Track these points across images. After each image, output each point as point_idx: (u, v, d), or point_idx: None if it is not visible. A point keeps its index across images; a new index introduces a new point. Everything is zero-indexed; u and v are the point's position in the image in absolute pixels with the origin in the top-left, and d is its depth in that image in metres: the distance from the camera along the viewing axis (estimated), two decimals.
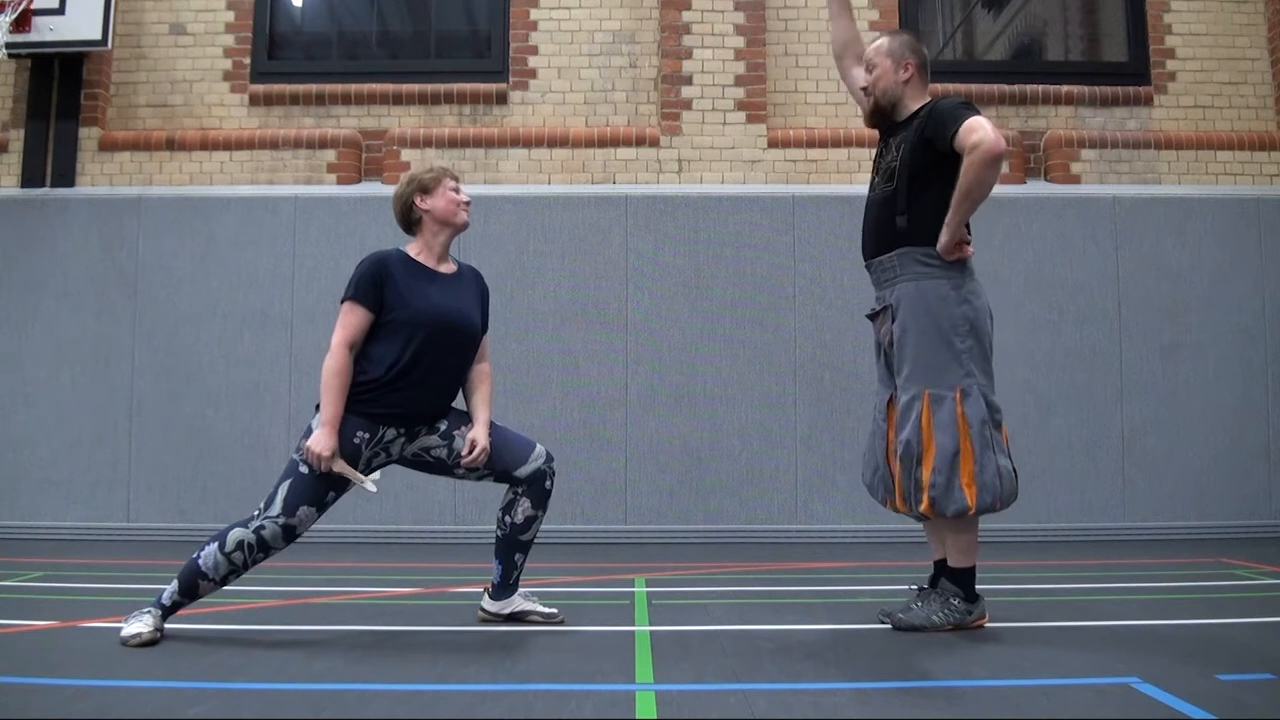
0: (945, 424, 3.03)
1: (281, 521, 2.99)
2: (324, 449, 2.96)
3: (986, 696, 2.39)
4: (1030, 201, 6.24)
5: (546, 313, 6.09)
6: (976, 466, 3.02)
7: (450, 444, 3.16)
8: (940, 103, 3.21)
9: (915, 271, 3.14)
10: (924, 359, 3.08)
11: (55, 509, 5.96)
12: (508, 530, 3.23)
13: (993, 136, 2.96)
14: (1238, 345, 6.12)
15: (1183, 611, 3.55)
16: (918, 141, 3.15)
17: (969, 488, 3.02)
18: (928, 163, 3.13)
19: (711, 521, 5.97)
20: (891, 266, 3.20)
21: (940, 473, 3.02)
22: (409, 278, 3.13)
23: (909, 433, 3.08)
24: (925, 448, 3.05)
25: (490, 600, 3.31)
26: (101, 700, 2.35)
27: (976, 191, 3.02)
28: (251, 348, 6.04)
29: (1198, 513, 6.00)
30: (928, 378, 3.07)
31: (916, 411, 3.08)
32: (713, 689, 2.44)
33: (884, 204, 3.24)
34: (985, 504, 3.04)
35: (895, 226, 3.17)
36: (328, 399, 3.00)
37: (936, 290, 3.10)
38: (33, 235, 6.17)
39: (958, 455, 3.02)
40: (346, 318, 3.07)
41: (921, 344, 3.09)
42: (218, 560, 2.98)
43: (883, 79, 3.30)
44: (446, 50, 6.82)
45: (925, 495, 3.05)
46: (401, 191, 3.23)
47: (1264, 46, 6.61)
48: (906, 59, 3.27)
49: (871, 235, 3.29)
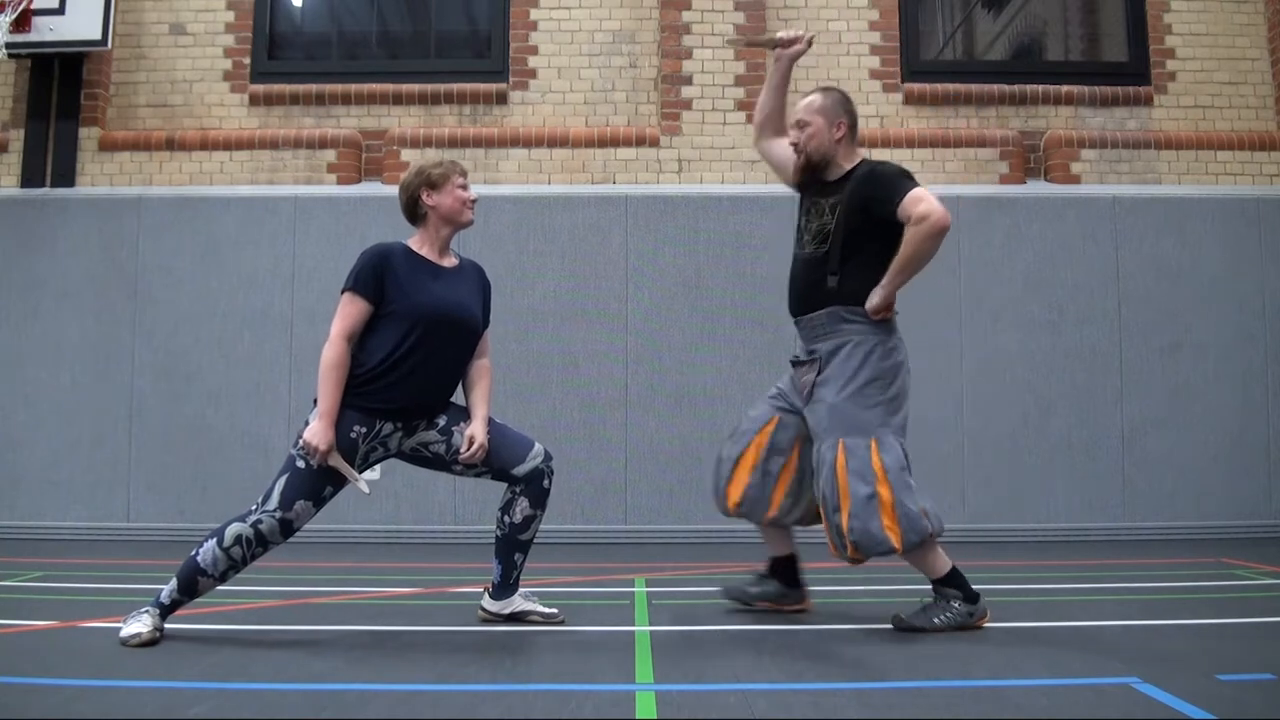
0: (860, 470, 3.09)
1: (279, 516, 2.98)
2: (320, 441, 2.96)
3: (986, 696, 2.39)
4: (1030, 201, 6.24)
5: (546, 313, 6.09)
6: (898, 510, 3.07)
7: (449, 440, 3.16)
8: (881, 168, 3.29)
9: (843, 329, 3.22)
10: (841, 409, 3.16)
11: (55, 509, 5.96)
12: (507, 530, 3.23)
13: (940, 210, 3.06)
14: (1238, 345, 6.12)
15: (1183, 611, 3.56)
16: (854, 205, 3.22)
17: (891, 529, 3.07)
18: (862, 226, 3.20)
19: (711, 521, 5.94)
20: (821, 323, 3.28)
21: (857, 518, 3.07)
22: (410, 271, 3.12)
23: (824, 483, 3.16)
24: (841, 496, 3.11)
25: (491, 600, 3.30)
26: (101, 700, 2.35)
27: (917, 261, 3.13)
28: (251, 348, 6.04)
29: (1198, 513, 6.00)
30: (844, 427, 3.14)
31: (830, 460, 3.14)
32: (713, 689, 2.45)
33: (814, 265, 3.30)
34: (913, 542, 3.09)
35: (825, 286, 3.24)
36: (325, 390, 3.00)
37: (863, 346, 3.19)
38: (33, 235, 6.17)
39: (874, 499, 3.08)
40: (346, 309, 3.07)
41: (841, 395, 3.17)
42: (216, 556, 2.97)
43: (815, 137, 3.34)
44: (446, 50, 6.82)
45: (848, 542, 3.11)
46: (409, 183, 3.22)
47: (1264, 46, 6.61)
48: (839, 118, 3.33)
49: (800, 295, 3.36)
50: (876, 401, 3.16)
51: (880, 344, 3.21)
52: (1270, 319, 6.15)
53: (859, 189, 3.22)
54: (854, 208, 3.20)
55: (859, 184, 3.23)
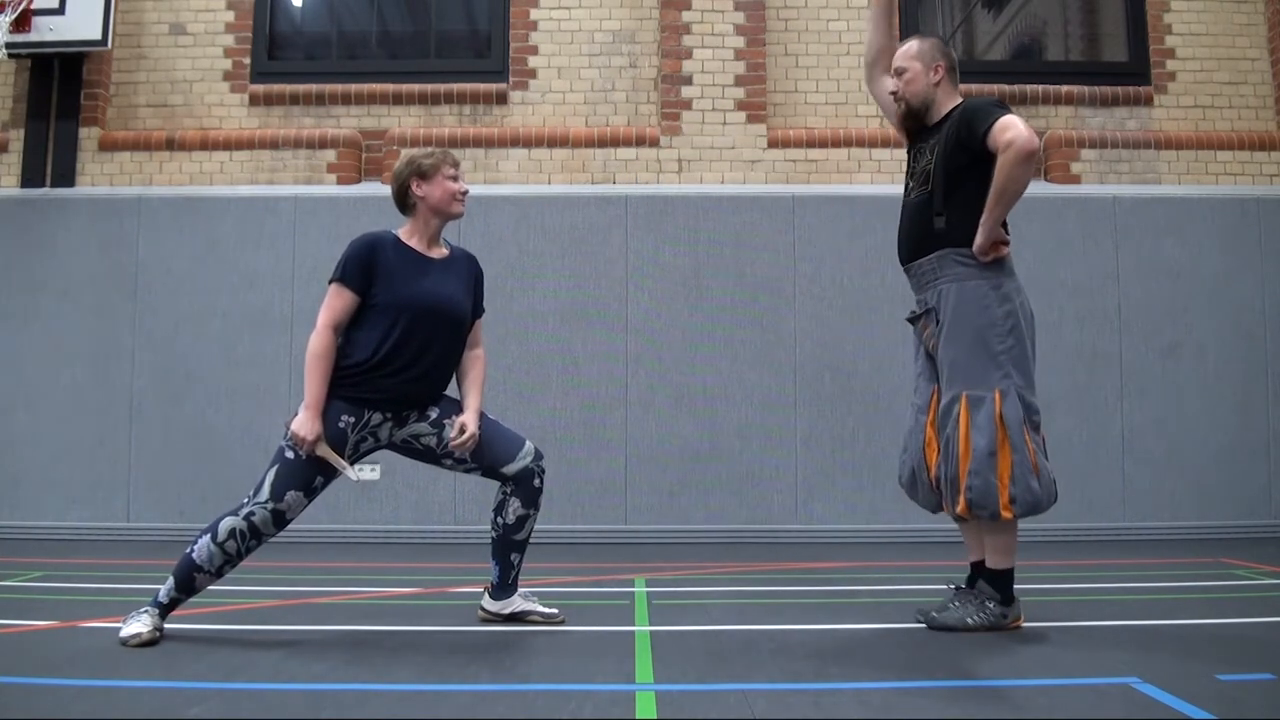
0: (982, 426, 3.02)
1: (270, 507, 2.98)
2: (308, 431, 2.95)
3: (986, 696, 2.39)
4: (1030, 201, 6.16)
5: (546, 313, 6.09)
6: (1015, 471, 3.01)
7: (440, 433, 3.14)
8: (971, 102, 3.20)
9: (954, 273, 3.13)
10: (963, 361, 3.08)
11: (55, 509, 5.96)
12: (501, 531, 3.22)
13: (1025, 134, 2.95)
14: (1238, 345, 6.12)
15: (1183, 611, 3.55)
16: (952, 143, 3.14)
17: (1005, 489, 3.00)
18: (962, 163, 3.12)
19: (711, 521, 5.97)
20: (931, 269, 3.20)
21: (977, 475, 3.01)
22: (398, 261, 3.12)
23: (949, 434, 3.09)
24: (963, 449, 3.04)
25: (490, 600, 3.30)
26: (101, 700, 2.35)
27: (1010, 190, 3.00)
28: (251, 348, 6.04)
29: (1198, 513, 6.00)
30: (967, 380, 3.07)
31: (955, 413, 3.08)
32: (713, 689, 2.44)
33: (920, 207, 3.23)
34: (1023, 508, 3.02)
35: (933, 229, 3.16)
36: (311, 380, 3.00)
37: (976, 291, 3.10)
38: (33, 235, 6.17)
39: (994, 457, 3.01)
40: (332, 300, 3.07)
41: (960, 346, 3.09)
42: (211, 551, 2.97)
43: (914, 82, 3.29)
44: (446, 50, 6.82)
45: (962, 497, 3.04)
46: (400, 172, 3.22)
47: (1264, 46, 6.61)
48: (937, 61, 3.27)
49: (909, 239, 3.28)
50: (996, 351, 3.06)
51: (993, 289, 3.10)
52: (1270, 319, 6.15)
53: (955, 126, 3.14)
54: (951, 145, 3.13)
55: (955, 122, 3.15)
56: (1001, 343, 3.07)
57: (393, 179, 3.24)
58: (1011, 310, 3.11)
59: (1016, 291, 3.16)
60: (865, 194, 6.22)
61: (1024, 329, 3.14)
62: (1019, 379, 3.09)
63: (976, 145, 3.07)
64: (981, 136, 3.04)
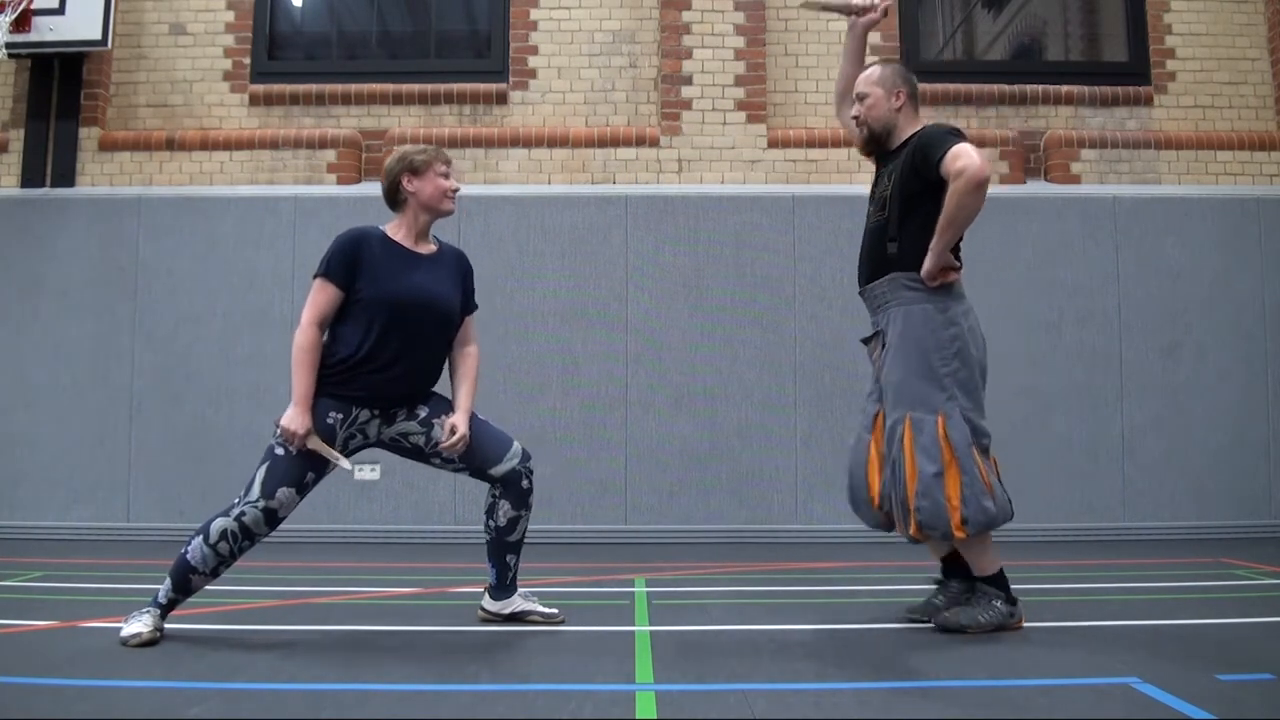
0: (928, 447, 3.05)
1: (261, 505, 2.97)
2: (297, 426, 2.94)
3: (986, 696, 2.39)
4: (1030, 201, 6.23)
5: (546, 313, 6.09)
6: (965, 491, 3.02)
7: (429, 432, 3.13)
8: (928, 130, 3.25)
9: (903, 297, 3.18)
10: (907, 383, 3.11)
11: (56, 509, 5.96)
12: (494, 534, 3.21)
13: (977, 163, 2.98)
14: (1238, 345, 6.12)
15: (1183, 611, 3.55)
16: (907, 170, 3.19)
17: (956, 511, 3.02)
18: (916, 190, 3.16)
19: (711, 521, 5.97)
20: (883, 293, 3.25)
21: (925, 496, 3.03)
22: (385, 257, 3.10)
23: (894, 458, 3.12)
24: (909, 472, 3.06)
25: (490, 600, 3.30)
26: (102, 700, 2.35)
27: (960, 218, 3.05)
28: (251, 348, 6.04)
29: (1198, 513, 6.00)
30: (911, 402, 3.10)
31: (900, 435, 3.10)
32: (713, 689, 2.44)
33: (877, 232, 3.29)
34: (977, 525, 3.04)
35: (886, 253, 3.22)
36: (298, 376, 2.98)
37: (922, 314, 3.14)
38: (33, 235, 6.16)
39: (940, 478, 3.03)
40: (316, 295, 3.06)
41: (906, 368, 3.13)
42: (204, 553, 2.97)
43: (875, 107, 3.34)
44: (446, 50, 6.82)
45: (913, 519, 3.07)
46: (391, 167, 3.20)
47: (1264, 46, 6.61)
48: (898, 88, 3.32)
49: (865, 263, 3.35)
50: (941, 374, 3.09)
51: (940, 312, 3.13)
52: (1270, 319, 6.15)
53: (911, 153, 3.19)
54: (906, 172, 3.19)
55: (912, 149, 3.20)
56: (946, 365, 3.10)
57: (384, 174, 3.22)
58: (958, 334, 3.14)
59: (964, 315, 3.18)
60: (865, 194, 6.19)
61: (971, 353, 3.16)
62: (964, 401, 3.11)
63: (931, 173, 3.11)
64: (935, 164, 3.08)
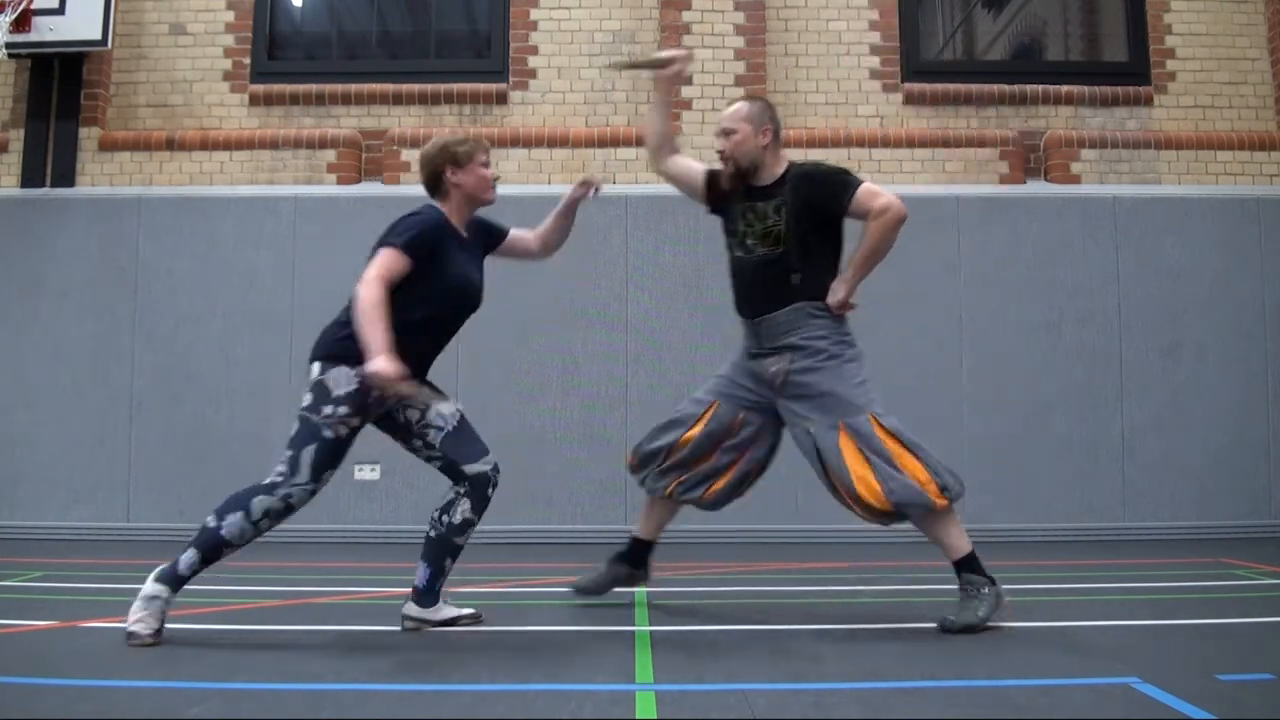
0: (870, 444, 3.17)
1: (310, 489, 3.03)
2: (393, 370, 2.85)
3: (986, 696, 2.39)
4: (1030, 201, 6.23)
5: (546, 313, 6.09)
6: (927, 466, 3.15)
7: (424, 411, 3.16)
8: (819, 168, 3.47)
9: (811, 324, 3.33)
10: (834, 394, 3.25)
11: (55, 509, 5.96)
12: (444, 530, 3.17)
13: (898, 202, 3.23)
14: (1238, 345, 6.12)
15: (1183, 611, 3.55)
16: (801, 204, 3.31)
17: (928, 484, 3.13)
18: (815, 224, 3.32)
19: (711, 521, 5.94)
20: (786, 320, 3.35)
21: (892, 479, 3.12)
22: (452, 247, 3.17)
23: (833, 465, 3.20)
24: (858, 469, 3.16)
25: (417, 607, 3.20)
26: (102, 700, 2.35)
27: (881, 250, 3.28)
28: (251, 348, 6.04)
29: (1198, 513, 6.00)
30: (841, 410, 3.23)
31: (833, 443, 3.20)
32: (713, 689, 2.44)
33: (771, 265, 3.36)
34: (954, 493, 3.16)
35: (789, 284, 3.34)
36: (374, 329, 2.90)
37: (831, 337, 3.32)
38: (33, 235, 6.16)
39: (894, 464, 3.14)
40: (390, 262, 3.02)
41: (828, 383, 3.27)
42: (244, 528, 2.99)
43: (743, 144, 3.44)
44: (446, 50, 6.82)
45: (888, 503, 3.12)
46: (433, 157, 3.21)
47: (1264, 46, 6.60)
48: (765, 125, 3.42)
49: (761, 295, 3.42)
50: (859, 380, 3.29)
51: (843, 336, 3.35)
52: (1270, 319, 6.15)
53: (802, 189, 3.33)
54: (801, 207, 3.31)
55: (801, 184, 3.35)
56: (857, 376, 3.30)
57: (423, 163, 3.23)
58: (858, 353, 3.37)
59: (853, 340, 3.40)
60: None
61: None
62: (880, 405, 3.28)
63: (835, 209, 3.30)
64: (846, 203, 3.27)
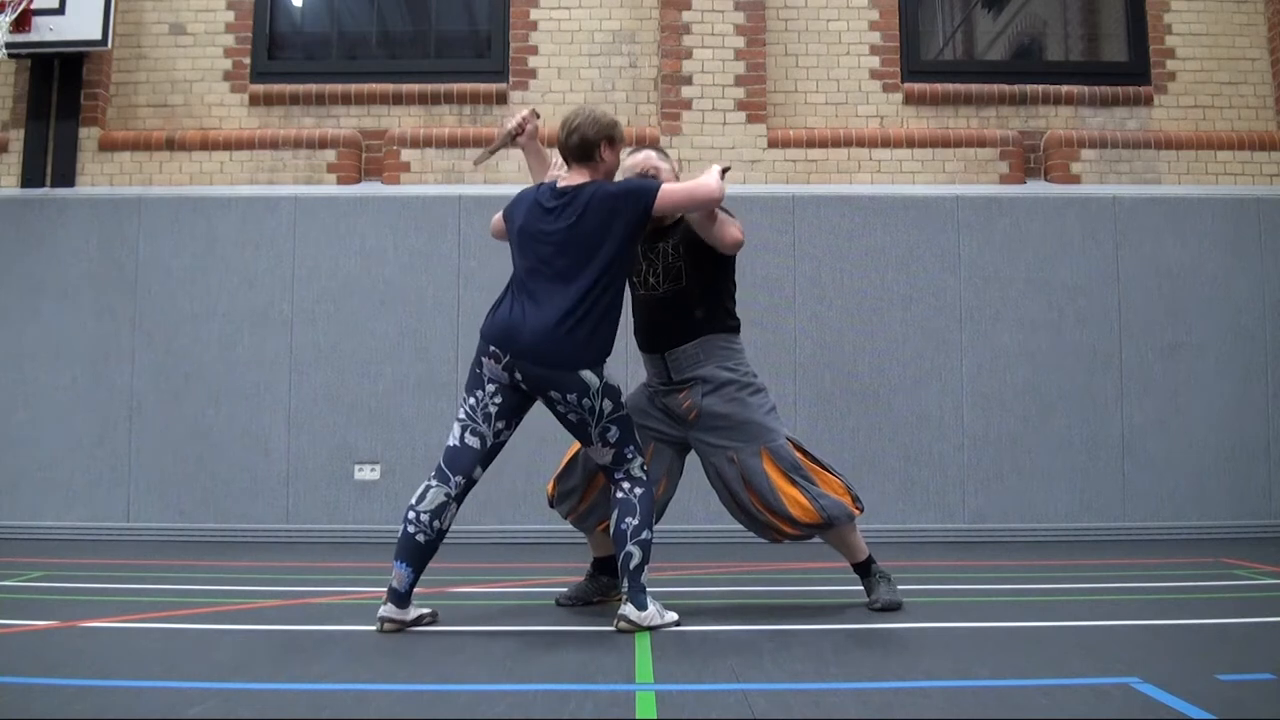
0: (793, 466, 3.44)
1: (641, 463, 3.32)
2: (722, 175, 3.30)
3: (986, 696, 2.39)
4: (1030, 201, 6.23)
5: None
6: (841, 478, 3.50)
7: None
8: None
9: (719, 355, 3.51)
10: (751, 423, 3.46)
11: (55, 509, 5.96)
12: (433, 536, 3.18)
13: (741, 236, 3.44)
14: (1238, 345, 6.12)
15: (1183, 611, 3.55)
16: (695, 241, 3.46)
17: (846, 494, 3.47)
18: (709, 258, 3.48)
19: (711, 521, 5.95)
20: (694, 353, 3.50)
21: (823, 497, 3.41)
22: None
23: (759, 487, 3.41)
24: (788, 490, 3.40)
25: (395, 609, 3.18)
26: (101, 700, 2.35)
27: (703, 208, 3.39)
28: (251, 348, 6.04)
29: (1198, 513, 6.00)
30: (760, 437, 3.45)
31: (758, 467, 3.41)
32: (713, 689, 2.44)
33: (675, 300, 3.51)
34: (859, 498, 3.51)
35: (693, 318, 3.50)
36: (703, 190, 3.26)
37: (738, 369, 3.52)
38: (33, 235, 6.16)
39: (815, 480, 3.44)
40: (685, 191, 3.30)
41: (745, 412, 3.47)
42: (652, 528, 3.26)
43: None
44: (446, 50, 6.82)
45: (820, 518, 3.39)
46: (595, 126, 3.28)
47: (1264, 46, 6.61)
48: (675, 170, 3.63)
49: (668, 330, 3.54)
50: (770, 408, 3.52)
51: (745, 364, 3.55)
52: (1270, 319, 6.15)
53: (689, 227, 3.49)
54: (695, 243, 3.47)
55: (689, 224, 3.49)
56: (764, 405, 3.51)
57: (580, 129, 3.28)
58: (762, 384, 3.56)
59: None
60: (865, 194, 6.22)
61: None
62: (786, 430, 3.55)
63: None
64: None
